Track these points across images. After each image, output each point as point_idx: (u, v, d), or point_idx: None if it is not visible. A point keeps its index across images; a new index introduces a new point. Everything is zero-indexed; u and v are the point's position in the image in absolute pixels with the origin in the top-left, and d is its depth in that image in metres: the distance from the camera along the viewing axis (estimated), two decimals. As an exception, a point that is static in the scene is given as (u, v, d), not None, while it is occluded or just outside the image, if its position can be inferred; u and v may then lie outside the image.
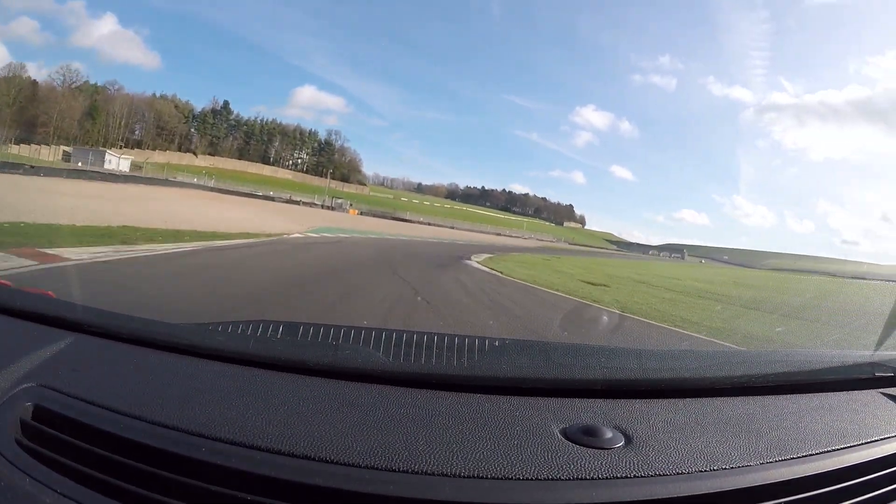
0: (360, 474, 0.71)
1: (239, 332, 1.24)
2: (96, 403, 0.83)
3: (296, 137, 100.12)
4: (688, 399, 1.05)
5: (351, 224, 34.49)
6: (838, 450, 0.91)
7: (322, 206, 58.42)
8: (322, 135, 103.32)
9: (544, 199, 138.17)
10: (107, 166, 50.23)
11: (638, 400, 1.02)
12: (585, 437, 0.84)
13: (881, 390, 1.23)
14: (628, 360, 1.34)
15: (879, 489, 0.88)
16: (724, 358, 1.49)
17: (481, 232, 69.40)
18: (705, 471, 0.79)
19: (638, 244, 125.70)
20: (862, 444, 0.95)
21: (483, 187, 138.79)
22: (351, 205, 64.75)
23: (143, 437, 0.76)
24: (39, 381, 0.88)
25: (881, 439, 0.97)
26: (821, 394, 1.16)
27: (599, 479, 0.75)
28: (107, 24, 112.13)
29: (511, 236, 74.16)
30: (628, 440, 0.85)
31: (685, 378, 1.15)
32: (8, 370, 0.89)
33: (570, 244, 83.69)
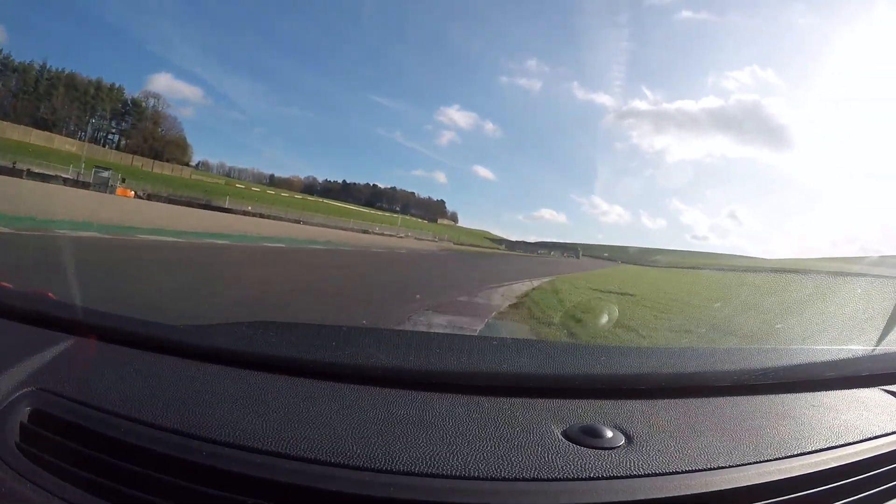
0: (361, 476, 0.71)
1: (238, 333, 1.23)
2: (96, 407, 0.82)
3: (88, 94, 71.48)
4: (688, 398, 1.05)
5: (68, 212, 15.77)
6: (839, 446, 0.91)
7: (74, 182, 36.92)
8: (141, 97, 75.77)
9: (413, 193, 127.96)
10: None
11: (638, 399, 1.01)
12: (586, 437, 0.84)
13: (882, 387, 1.23)
14: (628, 359, 1.32)
15: (880, 486, 0.88)
16: (725, 356, 1.44)
17: (341, 229, 51.31)
18: (706, 469, 0.80)
19: (525, 242, 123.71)
20: (862, 440, 0.95)
21: (345, 181, 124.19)
22: (123, 181, 42.33)
23: (142, 440, 0.76)
24: (39, 384, 0.87)
25: (882, 436, 0.97)
26: (821, 391, 1.16)
27: (600, 478, 0.75)
28: None
29: (385, 234, 57.18)
30: (629, 440, 0.85)
31: (685, 376, 1.16)
32: (7, 374, 0.87)
33: (457, 244, 71.24)
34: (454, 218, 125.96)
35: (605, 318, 7.80)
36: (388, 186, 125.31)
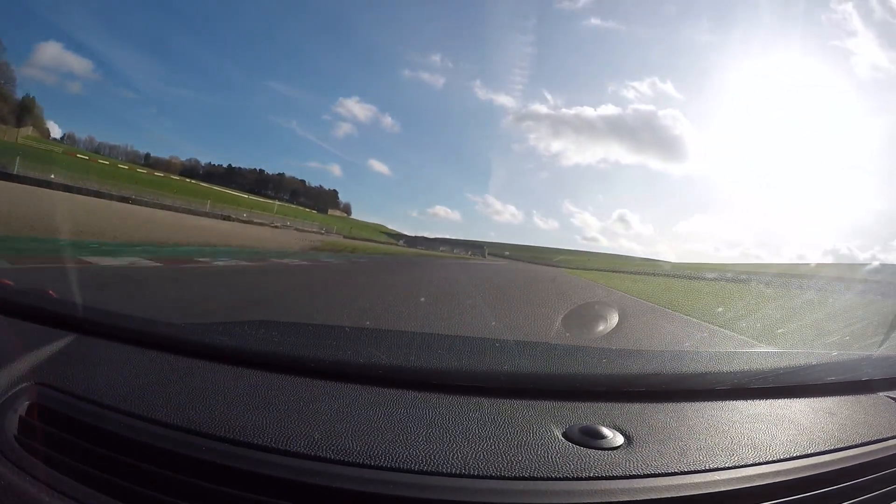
0: (361, 474, 0.72)
1: (239, 332, 1.22)
2: (96, 402, 0.83)
3: None
4: (688, 400, 1.05)
5: None
6: (838, 450, 0.91)
7: None
8: None
9: (304, 181, 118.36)
10: None
11: (638, 401, 1.01)
12: (586, 437, 0.84)
13: (881, 391, 1.22)
14: (628, 362, 1.31)
15: (879, 489, 0.88)
16: (725, 359, 1.43)
17: (193, 213, 40.12)
18: (705, 471, 0.80)
19: (425, 238, 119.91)
20: (862, 444, 0.95)
21: (230, 165, 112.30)
22: None
23: (142, 435, 0.76)
24: (39, 379, 0.87)
25: (881, 440, 0.97)
26: (822, 395, 1.15)
27: (600, 478, 0.75)
28: None
29: (255, 223, 47.18)
30: (629, 440, 0.86)
31: (685, 379, 1.15)
32: (8, 369, 0.88)
33: (347, 237, 63.92)
34: (347, 209, 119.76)
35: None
36: (276, 173, 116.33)
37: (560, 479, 0.74)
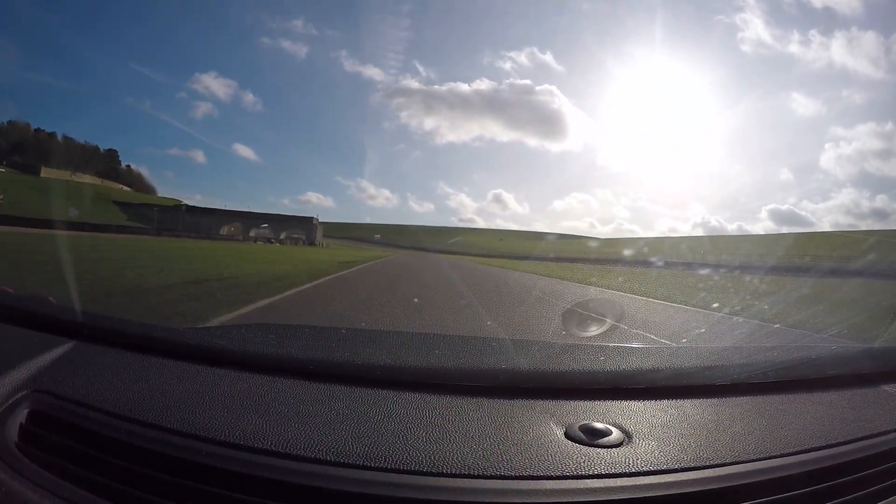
0: (362, 476, 0.71)
1: (238, 336, 1.21)
2: (96, 408, 0.83)
3: None
4: (688, 396, 1.04)
5: None
6: (840, 444, 0.91)
7: None
8: None
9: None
10: None
11: (639, 398, 1.01)
12: (587, 435, 0.84)
13: (882, 384, 1.22)
14: (627, 358, 1.29)
15: (882, 482, 0.88)
16: (724, 354, 1.43)
17: None
18: (707, 467, 0.80)
19: (227, 212, 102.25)
20: (864, 437, 0.95)
21: None
22: None
23: (143, 441, 0.76)
24: (39, 386, 0.88)
25: (883, 433, 0.97)
26: (823, 389, 1.15)
27: (602, 476, 0.76)
28: None
29: None
30: (630, 438, 0.85)
31: (685, 375, 1.14)
32: (8, 376, 0.88)
33: None
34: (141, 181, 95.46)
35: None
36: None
37: (562, 477, 0.74)
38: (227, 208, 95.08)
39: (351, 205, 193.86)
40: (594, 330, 4.20)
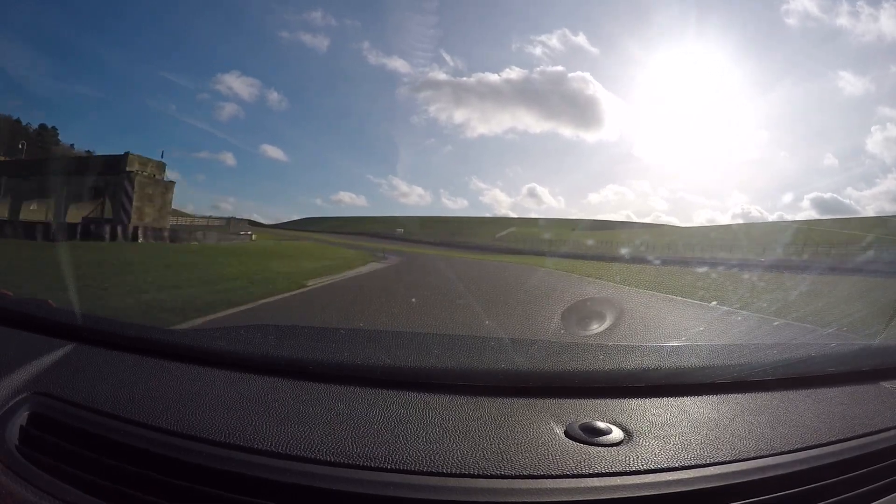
0: (362, 476, 0.72)
1: (236, 337, 1.21)
2: (96, 410, 0.83)
3: None
4: (688, 395, 1.05)
5: None
6: (840, 441, 0.92)
7: None
8: None
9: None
10: None
11: (638, 396, 1.01)
12: (587, 434, 0.84)
13: (883, 381, 1.22)
14: (627, 357, 1.31)
15: (882, 479, 0.88)
16: (724, 352, 1.42)
17: None
18: (708, 465, 0.80)
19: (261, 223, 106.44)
20: (864, 435, 0.95)
21: None
22: None
23: (143, 442, 0.77)
24: (39, 389, 0.88)
25: (883, 430, 0.97)
26: (823, 386, 1.15)
27: (602, 474, 0.76)
28: None
29: None
30: (630, 436, 0.86)
31: (685, 373, 1.14)
32: (8, 379, 0.89)
33: None
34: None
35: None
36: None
37: (562, 476, 0.74)
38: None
39: (383, 203, 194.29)
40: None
